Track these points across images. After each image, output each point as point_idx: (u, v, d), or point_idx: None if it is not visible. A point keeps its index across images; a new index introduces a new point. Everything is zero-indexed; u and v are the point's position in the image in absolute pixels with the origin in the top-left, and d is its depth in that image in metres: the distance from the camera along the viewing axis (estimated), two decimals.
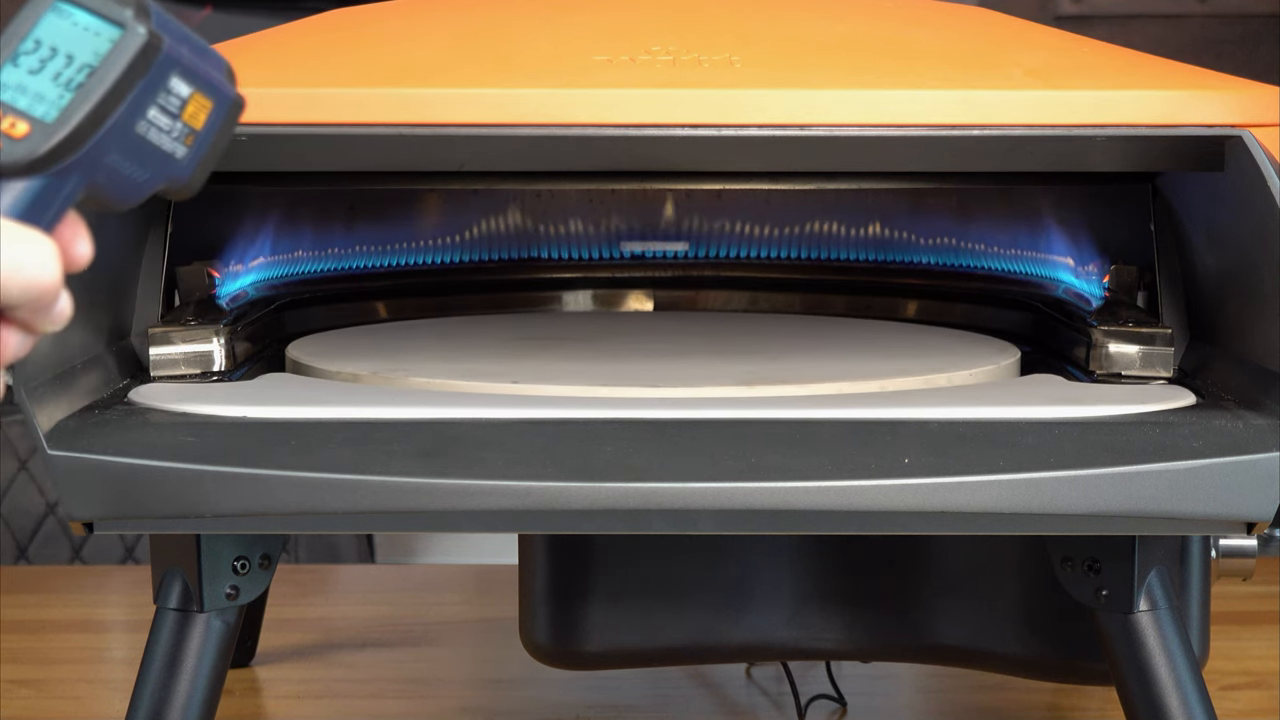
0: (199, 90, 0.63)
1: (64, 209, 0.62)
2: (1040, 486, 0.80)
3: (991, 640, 1.06)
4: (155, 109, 0.62)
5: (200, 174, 0.64)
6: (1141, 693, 0.91)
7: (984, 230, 1.13)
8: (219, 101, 0.64)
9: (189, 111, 0.63)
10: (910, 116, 0.86)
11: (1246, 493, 0.81)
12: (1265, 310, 0.88)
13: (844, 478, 0.79)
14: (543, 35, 0.95)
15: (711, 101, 0.86)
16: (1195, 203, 0.98)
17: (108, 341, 0.94)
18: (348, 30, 1.00)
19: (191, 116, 0.63)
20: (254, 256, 1.08)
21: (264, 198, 1.10)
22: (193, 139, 0.63)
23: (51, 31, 0.61)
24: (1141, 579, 0.91)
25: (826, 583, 1.08)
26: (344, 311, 1.14)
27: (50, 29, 0.61)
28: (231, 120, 0.64)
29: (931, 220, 1.15)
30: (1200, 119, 0.86)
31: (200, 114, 0.63)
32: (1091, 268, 1.06)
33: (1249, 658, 1.30)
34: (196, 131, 0.63)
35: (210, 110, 0.63)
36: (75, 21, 0.61)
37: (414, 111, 0.85)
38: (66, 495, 0.80)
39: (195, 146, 0.63)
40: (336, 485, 0.79)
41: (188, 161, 0.63)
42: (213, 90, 0.63)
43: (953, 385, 0.94)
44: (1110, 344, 0.95)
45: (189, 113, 0.63)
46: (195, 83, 0.63)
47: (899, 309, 1.17)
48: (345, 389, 0.92)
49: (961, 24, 1.01)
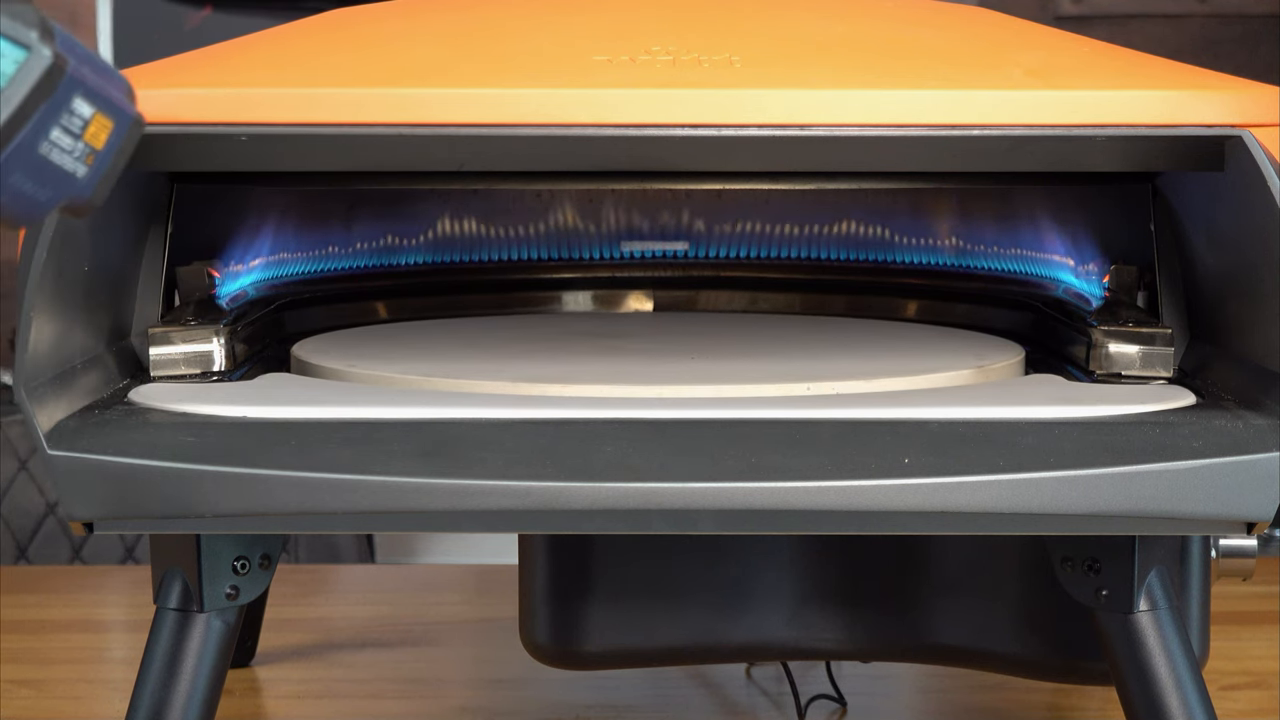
0: (100, 110, 0.63)
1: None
2: (1040, 486, 0.80)
3: (991, 640, 1.06)
4: (58, 130, 0.62)
5: (101, 192, 0.64)
6: (1141, 693, 0.91)
7: (984, 230, 1.13)
8: (119, 121, 0.64)
9: (90, 131, 0.63)
10: (910, 116, 0.86)
11: (1246, 493, 0.81)
12: (1265, 310, 0.88)
13: (844, 478, 0.79)
14: (542, 35, 0.95)
15: (711, 101, 0.85)
16: (1195, 203, 0.98)
17: (108, 341, 0.94)
18: (347, 30, 1.00)
19: (93, 136, 0.63)
20: (254, 256, 1.08)
21: (264, 198, 1.10)
22: (93, 158, 0.63)
23: None
24: (1141, 579, 0.91)
25: (826, 583, 1.08)
26: (343, 312, 1.14)
27: None
28: (132, 139, 0.64)
29: (931, 220, 1.15)
30: (1200, 119, 0.86)
31: (101, 134, 0.63)
32: (1091, 268, 1.06)
33: (1249, 658, 1.30)
34: (97, 151, 0.63)
35: (111, 130, 0.64)
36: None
37: (413, 111, 0.85)
38: (66, 495, 0.80)
39: (96, 165, 0.64)
40: (336, 485, 0.79)
41: (87, 181, 0.64)
42: (113, 110, 0.64)
43: (954, 385, 0.94)
44: (1110, 344, 0.95)
45: (90, 132, 0.63)
46: (97, 103, 0.63)
47: (899, 309, 1.17)
48: (345, 389, 0.92)
49: (961, 24, 1.01)
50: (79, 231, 0.86)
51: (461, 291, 1.18)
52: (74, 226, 0.85)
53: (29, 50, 0.61)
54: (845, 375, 0.94)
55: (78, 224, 0.85)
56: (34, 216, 0.64)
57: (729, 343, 1.07)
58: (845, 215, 1.15)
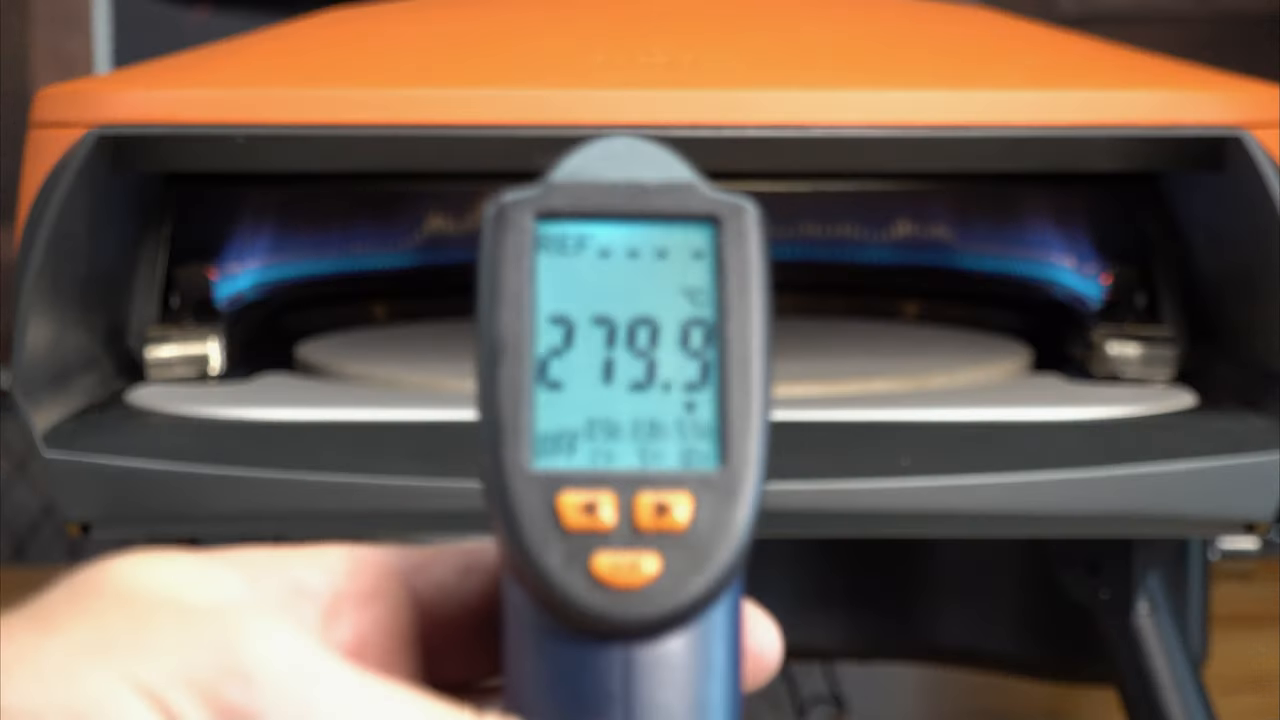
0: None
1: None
2: (1040, 487, 0.80)
3: (991, 640, 1.06)
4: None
5: None
6: (1141, 693, 0.91)
7: (984, 230, 1.13)
8: None
9: None
10: (910, 116, 0.86)
11: (1247, 493, 0.81)
12: (1265, 311, 0.87)
13: (843, 479, 0.79)
14: (541, 36, 0.95)
15: (711, 101, 0.85)
16: (1195, 203, 0.97)
17: (105, 343, 0.93)
18: (347, 30, 1.00)
19: None
20: (252, 258, 1.08)
21: (262, 198, 1.09)
22: None
23: (580, 281, 0.40)
24: (1141, 580, 0.91)
25: (826, 583, 1.07)
26: (343, 313, 1.14)
27: (571, 276, 0.40)
28: None
29: (931, 220, 1.14)
30: (1200, 119, 0.86)
31: None
32: (1091, 268, 1.06)
33: (1251, 660, 1.30)
34: None
35: None
36: (635, 244, 0.41)
37: (413, 112, 0.85)
38: (63, 497, 0.80)
39: None
40: (335, 486, 0.79)
41: None
42: None
43: (954, 386, 0.94)
44: (1110, 345, 0.95)
45: None
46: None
47: (899, 309, 1.17)
48: (344, 390, 0.92)
49: (961, 24, 1.01)
50: (76, 233, 0.86)
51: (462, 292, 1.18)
52: (71, 228, 0.85)
53: (716, 219, 0.41)
54: (844, 376, 0.93)
55: (75, 225, 0.85)
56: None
57: None
58: (844, 215, 1.15)
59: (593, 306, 0.40)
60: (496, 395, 0.39)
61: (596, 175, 0.41)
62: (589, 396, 0.39)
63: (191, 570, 0.39)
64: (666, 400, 0.39)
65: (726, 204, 0.41)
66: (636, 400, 0.39)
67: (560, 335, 0.39)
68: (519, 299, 0.39)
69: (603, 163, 0.41)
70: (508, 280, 0.39)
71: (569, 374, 0.39)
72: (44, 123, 0.85)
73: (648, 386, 0.39)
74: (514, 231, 0.40)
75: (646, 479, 0.38)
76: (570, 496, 0.38)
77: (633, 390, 0.39)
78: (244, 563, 0.40)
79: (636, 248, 0.40)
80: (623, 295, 0.40)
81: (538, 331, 0.39)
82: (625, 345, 0.40)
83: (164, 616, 0.37)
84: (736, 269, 0.40)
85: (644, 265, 0.40)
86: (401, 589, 0.41)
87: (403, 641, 0.41)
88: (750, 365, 0.40)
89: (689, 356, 0.40)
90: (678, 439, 0.39)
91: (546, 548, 0.37)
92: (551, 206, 0.41)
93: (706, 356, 0.40)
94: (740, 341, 0.40)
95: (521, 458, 0.38)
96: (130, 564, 0.39)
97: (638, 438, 0.39)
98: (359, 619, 0.40)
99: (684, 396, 0.39)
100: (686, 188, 0.41)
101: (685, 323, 0.40)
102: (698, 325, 0.40)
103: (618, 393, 0.39)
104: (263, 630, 0.37)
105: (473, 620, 0.41)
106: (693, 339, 0.40)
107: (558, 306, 0.40)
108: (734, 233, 0.40)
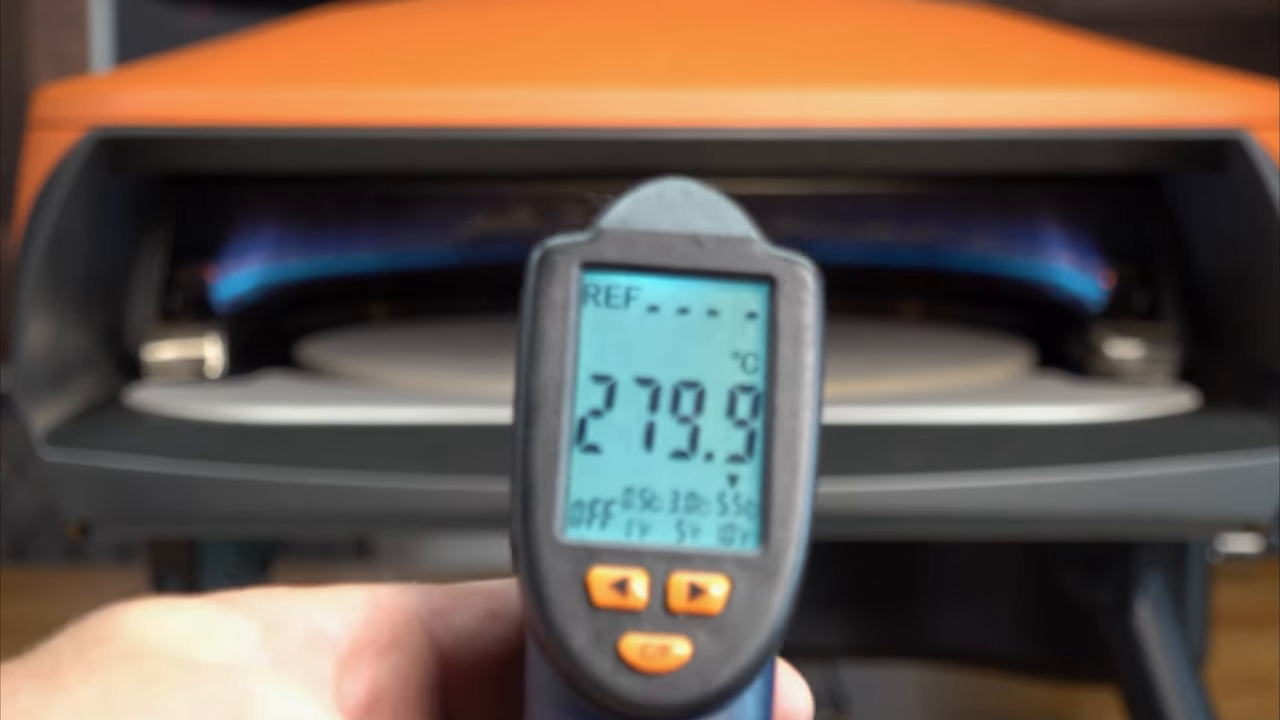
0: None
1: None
2: (1040, 488, 0.80)
3: (992, 640, 1.06)
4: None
5: None
6: (1141, 693, 0.91)
7: (985, 230, 1.13)
8: None
9: None
10: (910, 116, 0.86)
11: (1247, 493, 0.81)
12: (1266, 311, 0.87)
13: (844, 479, 0.79)
14: (541, 36, 0.95)
15: (711, 101, 0.85)
16: (1196, 203, 0.97)
17: (104, 344, 0.93)
18: (347, 30, 1.00)
19: None
20: (251, 258, 1.08)
21: (261, 199, 1.09)
22: None
23: (626, 337, 0.38)
24: (1141, 580, 0.91)
25: (826, 583, 1.07)
26: (342, 313, 1.14)
27: (617, 331, 0.38)
28: None
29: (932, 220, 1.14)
30: (1200, 119, 0.86)
31: None
32: (1092, 268, 1.06)
33: (1252, 661, 1.30)
34: None
35: None
36: (688, 301, 0.38)
37: (412, 112, 0.85)
38: (62, 497, 0.80)
39: None
40: (335, 487, 0.79)
41: None
42: None
43: (955, 386, 0.94)
44: (1111, 345, 0.95)
45: None
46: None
47: (899, 309, 1.17)
48: (344, 390, 0.92)
49: (961, 24, 1.01)
50: (76, 233, 0.86)
51: (461, 292, 1.18)
52: (70, 228, 0.84)
53: (772, 278, 0.39)
54: (844, 376, 0.93)
55: (74, 225, 0.85)
56: None
57: None
58: (845, 215, 1.15)
59: (637, 365, 0.38)
60: (531, 455, 0.37)
61: (649, 223, 0.39)
62: (628, 462, 0.37)
63: (203, 621, 0.38)
64: (709, 471, 0.37)
65: (784, 262, 0.38)
66: (677, 469, 0.37)
67: (602, 395, 0.37)
68: (561, 353, 0.37)
69: (656, 210, 0.39)
70: (550, 332, 0.38)
71: (608, 437, 0.37)
72: (43, 122, 0.85)
73: (690, 455, 0.37)
74: (559, 280, 0.38)
75: (682, 557, 0.36)
76: (602, 572, 0.36)
77: (674, 458, 0.37)
78: (261, 608, 0.39)
79: (687, 304, 0.38)
80: (669, 355, 0.38)
81: (578, 389, 0.37)
82: (669, 409, 0.37)
83: (173, 677, 0.36)
84: (790, 334, 0.38)
85: (693, 323, 0.38)
86: (422, 635, 0.40)
87: (421, 691, 0.39)
88: (799, 439, 0.37)
89: (735, 425, 0.37)
90: (718, 514, 0.37)
91: (574, 624, 0.36)
92: (600, 255, 0.39)
93: (753, 426, 0.37)
94: (790, 413, 0.37)
95: (553, 526, 0.37)
96: (140, 614, 0.38)
97: (676, 510, 0.37)
98: (377, 669, 0.39)
99: (727, 468, 0.37)
100: (743, 242, 0.38)
101: (733, 388, 0.37)
102: (746, 392, 0.37)
103: (658, 460, 0.37)
104: (273, 694, 0.35)
105: (496, 668, 0.40)
106: (740, 406, 0.37)
107: (600, 363, 0.38)
108: (790, 294, 0.38)
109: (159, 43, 1.52)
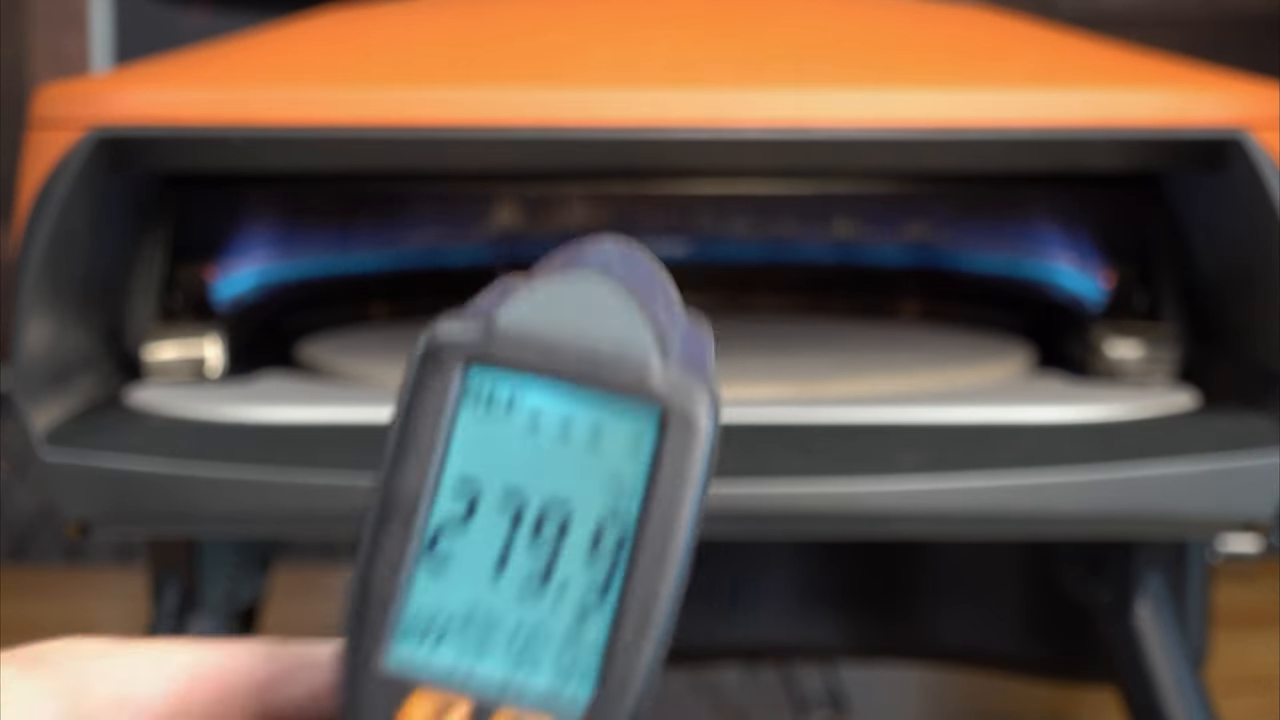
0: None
1: None
2: (1041, 488, 0.80)
3: (991, 640, 1.06)
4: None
5: None
6: (1141, 693, 0.91)
7: (985, 230, 1.13)
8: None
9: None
10: (910, 116, 0.86)
11: (1247, 493, 0.81)
12: (1266, 310, 0.87)
13: (844, 479, 0.79)
14: (541, 36, 0.95)
15: (711, 101, 0.85)
16: (1196, 203, 0.97)
17: (104, 343, 0.93)
18: (346, 30, 1.00)
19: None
20: (251, 257, 1.08)
21: (261, 199, 1.09)
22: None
23: (499, 447, 0.35)
24: (1141, 580, 0.91)
25: (826, 583, 1.07)
26: (342, 312, 1.14)
27: (491, 440, 0.35)
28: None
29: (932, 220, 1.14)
30: (1200, 119, 0.86)
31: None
32: (1092, 268, 1.06)
33: (1252, 661, 1.30)
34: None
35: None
36: (556, 412, 0.35)
37: (411, 112, 0.85)
38: (62, 497, 0.80)
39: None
40: (335, 487, 0.79)
41: None
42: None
43: (955, 386, 0.94)
44: (1111, 344, 0.95)
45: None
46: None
47: (899, 309, 1.17)
48: (344, 390, 0.92)
49: (961, 24, 1.01)
50: (76, 233, 0.86)
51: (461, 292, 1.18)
52: (70, 228, 0.84)
53: (658, 404, 0.36)
54: (844, 376, 0.93)
55: (74, 225, 0.85)
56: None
57: (727, 344, 1.06)
58: (845, 214, 1.15)
59: (507, 476, 0.35)
60: (371, 571, 0.35)
61: (548, 324, 0.36)
62: (476, 582, 0.35)
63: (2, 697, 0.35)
64: (559, 604, 0.34)
65: (682, 392, 0.35)
66: (526, 597, 0.35)
67: (464, 505, 0.35)
68: (427, 457, 0.35)
69: (560, 308, 0.36)
70: (420, 433, 0.35)
71: (462, 552, 0.35)
72: (43, 122, 0.85)
73: (543, 584, 0.35)
74: (440, 377, 0.36)
75: (509, 694, 0.34)
76: (421, 700, 0.34)
77: (525, 584, 0.35)
78: (66, 670, 0.36)
79: (571, 420, 0.35)
80: (543, 471, 0.35)
81: (439, 496, 0.35)
82: (530, 531, 0.35)
83: None
84: (672, 471, 0.35)
85: (574, 442, 0.35)
86: (249, 704, 0.37)
87: None
88: (659, 585, 0.35)
89: (596, 559, 0.35)
90: (559, 652, 0.34)
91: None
92: (487, 355, 0.36)
93: (615, 562, 0.35)
94: (654, 557, 0.35)
95: (378, 650, 0.34)
96: None
97: (516, 640, 0.34)
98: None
99: (579, 604, 0.34)
100: (644, 362, 0.35)
101: (603, 518, 0.35)
102: (615, 525, 0.35)
103: (508, 584, 0.35)
104: None
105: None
106: (605, 539, 0.35)
107: (469, 469, 0.35)
108: (680, 428, 0.35)
109: (159, 43, 1.52)
